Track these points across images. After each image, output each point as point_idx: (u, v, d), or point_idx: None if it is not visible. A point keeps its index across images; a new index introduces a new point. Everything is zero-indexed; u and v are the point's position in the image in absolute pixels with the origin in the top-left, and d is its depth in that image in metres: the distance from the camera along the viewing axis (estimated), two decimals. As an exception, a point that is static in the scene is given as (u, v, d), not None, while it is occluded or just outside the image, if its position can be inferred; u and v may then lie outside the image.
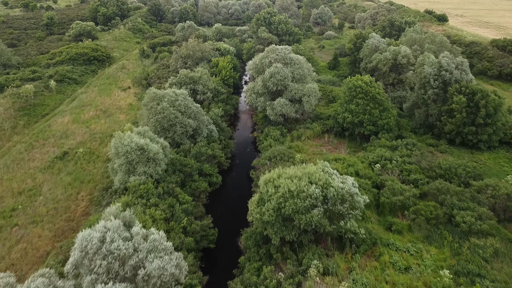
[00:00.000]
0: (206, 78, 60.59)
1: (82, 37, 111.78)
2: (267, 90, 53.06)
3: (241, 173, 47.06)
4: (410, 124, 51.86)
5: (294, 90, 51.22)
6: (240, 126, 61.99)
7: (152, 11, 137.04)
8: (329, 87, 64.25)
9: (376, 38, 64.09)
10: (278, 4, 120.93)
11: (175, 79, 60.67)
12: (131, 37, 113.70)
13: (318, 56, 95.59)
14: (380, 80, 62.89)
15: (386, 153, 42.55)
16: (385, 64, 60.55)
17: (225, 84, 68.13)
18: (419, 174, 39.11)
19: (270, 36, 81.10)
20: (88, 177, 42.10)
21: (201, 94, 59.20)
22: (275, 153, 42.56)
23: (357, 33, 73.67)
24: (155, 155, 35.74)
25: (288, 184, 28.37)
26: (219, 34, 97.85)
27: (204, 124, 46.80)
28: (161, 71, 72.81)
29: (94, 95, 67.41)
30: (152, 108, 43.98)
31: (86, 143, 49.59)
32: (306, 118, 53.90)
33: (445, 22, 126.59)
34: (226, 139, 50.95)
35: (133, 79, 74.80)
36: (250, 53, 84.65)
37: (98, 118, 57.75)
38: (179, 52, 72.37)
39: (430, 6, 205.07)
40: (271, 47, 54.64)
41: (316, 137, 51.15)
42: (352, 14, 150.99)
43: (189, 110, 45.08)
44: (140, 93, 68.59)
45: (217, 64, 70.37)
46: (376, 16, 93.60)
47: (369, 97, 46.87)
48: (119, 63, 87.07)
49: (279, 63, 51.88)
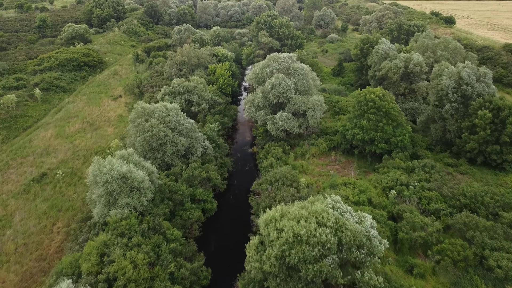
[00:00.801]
0: (202, 88, 55.96)
1: (75, 41, 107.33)
2: (268, 103, 48.42)
3: (239, 196, 42.40)
4: (425, 141, 47.16)
5: (298, 103, 46.57)
6: (239, 139, 57.33)
7: (149, 12, 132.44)
8: (334, 97, 59.57)
9: (386, 44, 59.41)
10: (279, 5, 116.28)
11: (168, 89, 56.03)
12: (126, 40, 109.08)
13: (322, 61, 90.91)
14: (390, 90, 58.25)
15: (401, 176, 37.88)
16: (395, 72, 55.87)
17: (222, 93, 63.50)
18: (441, 203, 34.43)
19: (271, 40, 76.45)
20: (66, 203, 37.44)
21: (196, 105, 54.59)
22: (277, 176, 37.89)
23: (364, 38, 69.00)
24: (140, 184, 31.10)
25: (294, 227, 23.74)
26: (217, 38, 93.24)
27: (198, 141, 42.14)
28: (154, 78, 68.18)
29: (82, 104, 62.76)
30: (139, 125, 39.33)
31: (68, 162, 44.92)
32: (310, 133, 49.23)
33: (453, 24, 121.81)
34: (222, 157, 46.30)
35: (125, 87, 70.18)
36: (249, 59, 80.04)
37: (84, 131, 53.09)
38: (174, 58, 67.72)
39: (435, 7, 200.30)
40: (273, 55, 49.97)
41: (322, 155, 46.49)
42: (355, 15, 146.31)
43: (181, 127, 40.43)
44: (132, 103, 63.90)
45: (214, 71, 65.73)
46: (382, 19, 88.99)
47: (381, 112, 42.21)
48: (111, 68, 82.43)
49: (281, 73, 47.21)
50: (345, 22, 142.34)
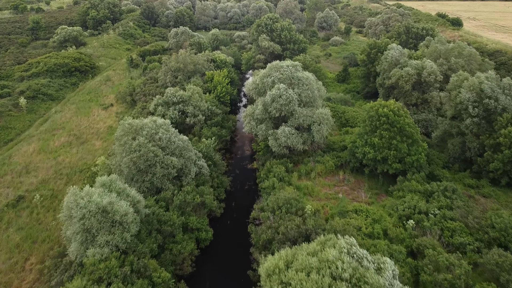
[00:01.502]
0: (198, 98, 51.84)
1: (68, 44, 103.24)
2: (269, 116, 44.27)
3: (238, 221, 38.26)
4: (442, 158, 42.98)
5: (302, 117, 42.41)
6: (238, 153, 53.18)
7: (145, 14, 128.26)
8: (340, 107, 55.41)
9: (397, 51, 55.23)
10: (280, 7, 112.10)
11: (161, 99, 51.90)
12: (121, 43, 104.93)
13: (325, 65, 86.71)
14: (400, 100, 54.14)
15: (419, 202, 33.71)
16: (407, 81, 51.72)
17: (220, 101, 59.33)
18: (466, 236, 30.29)
19: (272, 44, 72.30)
20: (43, 233, 33.31)
21: (191, 117, 50.47)
22: (280, 202, 33.76)
23: (372, 43, 64.83)
24: (123, 218, 26.95)
25: (303, 283, 19.64)
26: (215, 42, 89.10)
27: (191, 161, 37.97)
28: (148, 86, 64.02)
29: (70, 114, 58.62)
30: (126, 144, 35.16)
31: (49, 182, 40.79)
32: (316, 149, 45.07)
33: (460, 26, 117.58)
34: (219, 176, 42.14)
35: (117, 94, 66.03)
36: (249, 64, 75.88)
37: (69, 146, 48.95)
38: (169, 64, 63.57)
39: (439, 8, 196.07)
40: (275, 63, 45.79)
41: (329, 174, 42.33)
42: (358, 17, 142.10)
43: (172, 145, 36.26)
44: (123, 112, 59.84)
45: (211, 78, 61.57)
46: (389, 22, 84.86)
47: (395, 129, 38.04)
48: (104, 74, 78.28)
49: (282, 84, 43.05)
50: (348, 24, 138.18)
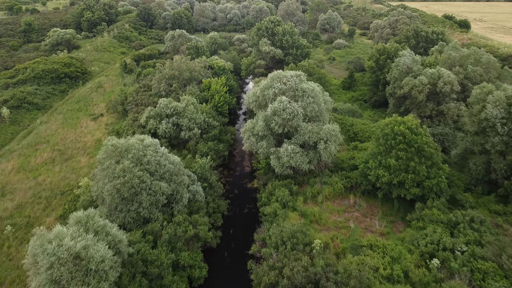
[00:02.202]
0: (193, 110, 47.65)
1: (60, 47, 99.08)
2: (271, 132, 40.06)
3: (236, 253, 34.04)
4: (463, 179, 38.73)
5: (308, 133, 38.19)
6: (237, 169, 48.95)
7: (142, 16, 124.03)
8: (348, 118, 51.16)
9: (409, 58, 50.98)
10: (281, 9, 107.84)
11: (153, 111, 47.74)
12: (116, 47, 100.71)
13: (329, 70, 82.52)
14: (413, 111, 49.95)
15: (443, 236, 29.49)
16: (420, 91, 47.50)
17: (218, 112, 55.16)
18: (500, 279, 26.06)
19: (273, 49, 68.09)
20: (13, 272, 29.11)
21: (186, 131, 46.29)
22: (284, 236, 29.58)
23: (380, 48, 60.58)
24: (99, 266, 22.74)
25: None
26: (214, 45, 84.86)
27: (184, 186, 33.74)
28: (141, 94, 59.80)
29: (56, 126, 54.42)
30: (109, 168, 30.96)
31: (26, 207, 36.56)
32: (323, 169, 40.84)
33: (468, 29, 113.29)
34: (216, 199, 37.91)
35: (108, 103, 61.82)
36: (249, 69, 71.66)
37: (52, 163, 44.74)
38: (163, 71, 59.35)
39: (443, 9, 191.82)
40: (277, 73, 41.55)
41: (338, 197, 38.10)
42: (362, 18, 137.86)
43: (162, 169, 32.05)
44: (114, 123, 55.63)
45: (209, 86, 57.36)
46: (396, 24, 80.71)
47: (413, 149, 33.81)
48: (96, 80, 74.08)
49: (286, 96, 38.82)
50: (351, 25, 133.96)
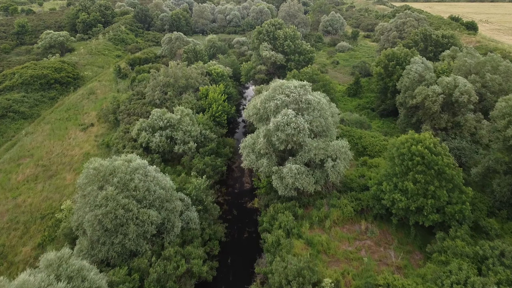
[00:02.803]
0: (188, 121, 44.03)
1: (53, 50, 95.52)
2: (273, 149, 36.39)
3: (235, 286, 30.39)
4: (486, 202, 35.08)
5: (314, 150, 34.53)
6: (235, 185, 45.27)
7: (139, 17, 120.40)
8: (356, 131, 47.47)
9: (421, 65, 47.30)
10: (283, 10, 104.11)
11: (145, 123, 44.13)
12: (111, 49, 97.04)
13: (333, 75, 78.90)
14: (426, 122, 46.26)
15: (471, 274, 25.78)
16: (434, 101, 43.81)
17: (216, 122, 51.52)
18: (541, 329, 22.41)
19: (274, 54, 64.42)
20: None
21: (180, 145, 42.66)
22: (289, 274, 25.92)
23: (389, 53, 56.90)
24: (69, 323, 19.10)
25: None
26: (212, 49, 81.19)
27: (176, 213, 30.09)
28: (134, 102, 56.13)
29: (42, 137, 50.81)
30: (90, 195, 27.32)
31: (1, 235, 32.92)
32: (330, 189, 37.18)
33: (475, 31, 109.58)
34: (212, 225, 34.26)
35: (99, 112, 58.16)
36: (249, 75, 68.01)
37: (35, 180, 41.10)
38: (158, 78, 55.70)
39: (447, 9, 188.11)
40: (279, 83, 37.84)
41: (347, 221, 34.44)
42: (365, 20, 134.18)
43: (151, 196, 28.39)
44: (105, 134, 52.00)
45: (206, 94, 53.70)
46: (403, 27, 77.08)
47: (433, 171, 30.15)
48: (88, 86, 70.42)
49: (290, 109, 35.14)
50: (354, 27, 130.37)
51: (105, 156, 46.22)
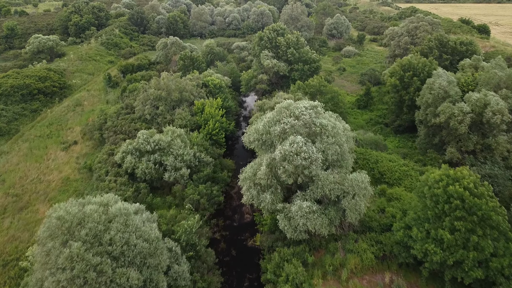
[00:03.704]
0: (180, 144, 38.53)
1: (42, 55, 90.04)
2: (278, 181, 30.92)
3: None
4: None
5: (328, 185, 29.02)
6: (234, 217, 39.75)
7: (134, 20, 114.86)
8: (371, 153, 41.93)
9: (444, 78, 41.81)
10: (285, 13, 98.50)
11: (131, 145, 38.62)
12: (103, 55, 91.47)
13: (339, 83, 73.41)
14: (451, 144, 40.82)
15: None
16: (461, 121, 38.36)
17: (213, 141, 46.04)
18: None
19: (276, 64, 58.92)
20: None
21: (171, 171, 37.16)
22: None
23: (405, 63, 51.42)
24: None
25: None
26: (210, 55, 75.67)
27: (161, 270, 24.57)
28: (122, 118, 50.61)
29: (18, 158, 45.34)
30: (51, 253, 21.82)
31: (-48, 290, 27.45)
32: (346, 230, 31.68)
33: (488, 35, 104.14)
34: (205, 275, 28.74)
35: (84, 127, 52.65)
36: (250, 85, 62.54)
37: (3, 214, 35.61)
38: (148, 90, 50.20)
39: (454, 11, 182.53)
40: (286, 104, 32.30)
41: (367, 271, 28.93)
42: (371, 22, 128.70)
43: (131, 251, 22.90)
44: (88, 155, 46.55)
45: (202, 109, 48.22)
46: (416, 32, 71.65)
47: (475, 217, 24.65)
48: (75, 96, 64.91)
49: (299, 136, 29.67)
50: (359, 30, 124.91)
51: (86, 181, 40.87)
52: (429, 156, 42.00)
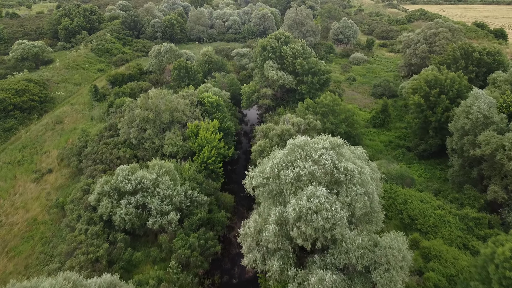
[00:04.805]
0: (169, 183, 31.72)
1: (27, 62, 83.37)
2: (290, 243, 24.09)
3: None
4: None
5: (355, 251, 22.24)
6: (233, 270, 32.90)
7: (127, 24, 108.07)
8: (398, 190, 35.02)
9: (485, 100, 34.93)
10: (289, 17, 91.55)
11: (108, 185, 31.79)
12: (93, 62, 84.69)
13: (350, 96, 66.58)
14: (495, 180, 33.93)
15: None
16: (510, 157, 31.52)
17: (209, 171, 39.26)
18: None
19: (282, 76, 52.07)
20: None
21: (157, 216, 30.35)
22: None
23: (430, 78, 44.58)
24: None
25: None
26: (207, 65, 68.84)
27: None
28: (103, 142, 43.77)
29: (-21, 193, 38.56)
30: None
31: None
32: (377, 306, 24.83)
33: (505, 40, 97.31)
34: None
35: (62, 151, 45.84)
36: (251, 100, 55.71)
37: None
38: (135, 110, 43.40)
39: (463, 13, 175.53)
40: (300, 142, 25.39)
41: None
42: (378, 26, 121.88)
43: None
44: (63, 187, 39.81)
45: (196, 132, 41.42)
46: (434, 39, 64.86)
47: None
48: (56, 112, 58.10)
49: (318, 184, 22.88)
50: (367, 34, 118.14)
51: (56, 224, 34.13)
52: (466, 193, 35.17)
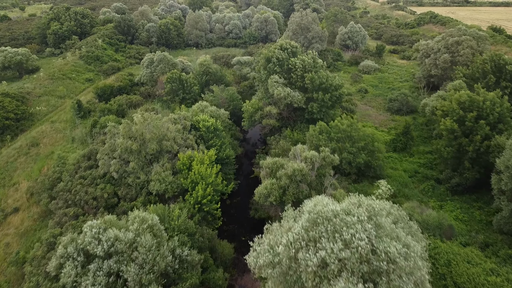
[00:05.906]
0: (151, 243, 25.06)
1: (9, 71, 76.93)
2: None
3: None
4: None
5: None
6: None
7: (120, 28, 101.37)
8: (438, 244, 28.16)
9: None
10: (294, 22, 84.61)
11: (72, 246, 25.08)
12: (81, 71, 78.00)
13: (363, 110, 59.83)
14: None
15: None
16: None
17: (203, 212, 32.56)
18: None
19: (290, 93, 45.38)
20: None
21: None
22: None
23: (464, 99, 37.79)
24: None
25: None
26: (205, 76, 62.17)
27: None
28: (79, 176, 37.00)
29: None
30: None
31: None
32: None
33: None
34: None
35: (33, 184, 39.13)
36: (254, 119, 49.00)
37: None
38: (117, 139, 36.67)
39: (472, 15, 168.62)
40: (321, 211, 18.49)
41: None
42: (387, 30, 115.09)
43: None
44: (28, 233, 33.11)
45: (188, 166, 34.72)
46: (457, 48, 58.07)
47: None
48: (32, 133, 51.42)
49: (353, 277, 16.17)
50: (375, 39, 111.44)
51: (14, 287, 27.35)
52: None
